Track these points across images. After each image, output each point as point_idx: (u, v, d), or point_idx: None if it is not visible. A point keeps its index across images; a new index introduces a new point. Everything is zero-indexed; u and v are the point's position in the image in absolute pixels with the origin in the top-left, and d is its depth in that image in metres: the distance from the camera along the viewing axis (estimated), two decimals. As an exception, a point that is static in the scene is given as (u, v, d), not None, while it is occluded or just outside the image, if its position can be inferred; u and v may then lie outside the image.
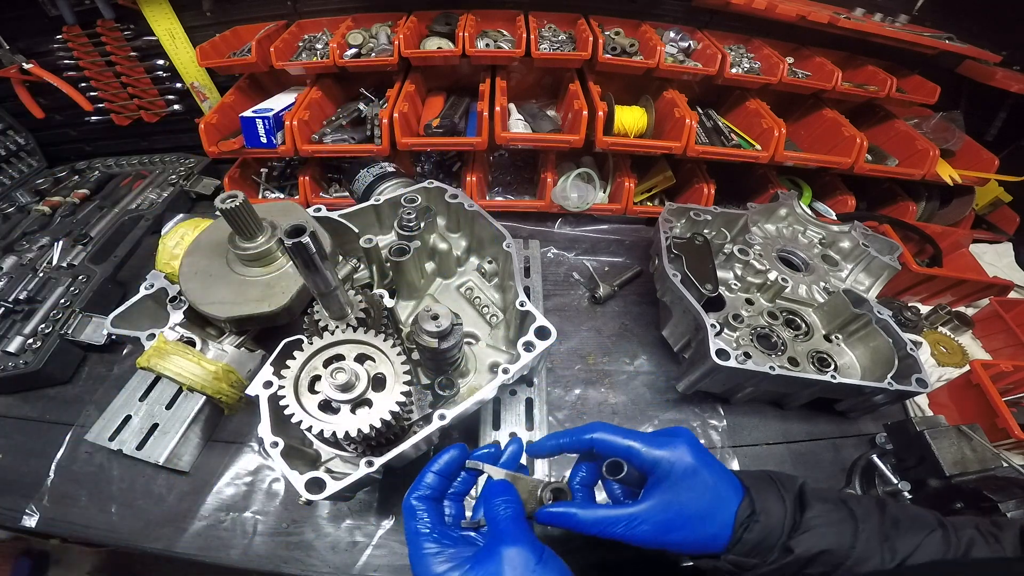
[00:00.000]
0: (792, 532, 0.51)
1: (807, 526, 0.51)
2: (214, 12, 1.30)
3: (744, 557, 0.51)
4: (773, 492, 0.54)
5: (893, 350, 0.88)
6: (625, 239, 1.30)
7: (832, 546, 0.50)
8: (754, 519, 0.51)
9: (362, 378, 0.59)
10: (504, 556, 0.47)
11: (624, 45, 1.21)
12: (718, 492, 0.53)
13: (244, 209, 0.69)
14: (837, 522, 0.51)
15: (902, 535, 0.51)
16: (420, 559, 0.49)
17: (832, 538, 0.50)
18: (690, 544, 0.52)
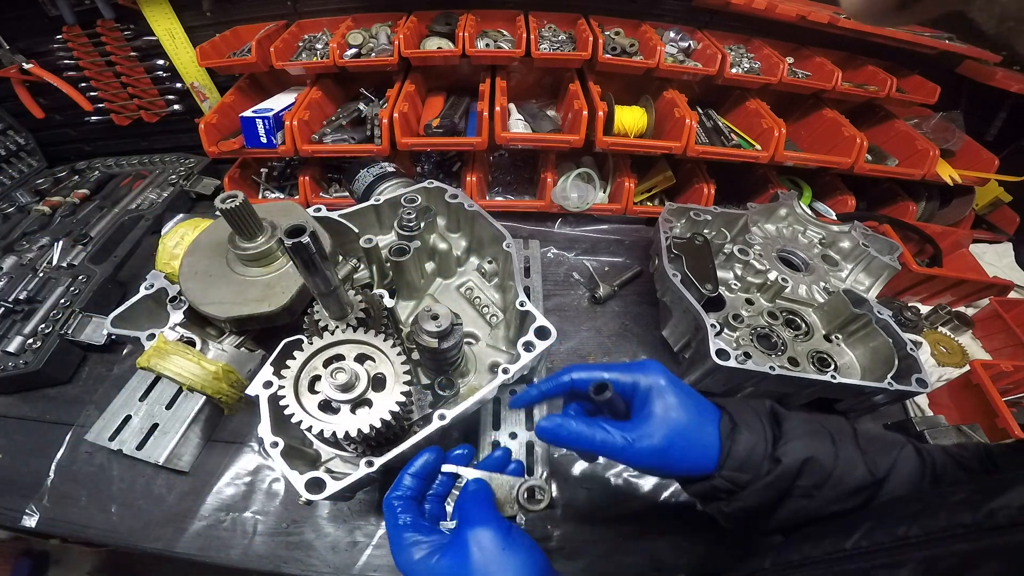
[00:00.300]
0: (775, 443, 0.52)
1: (788, 436, 0.53)
2: (214, 12, 1.30)
3: (737, 472, 0.51)
4: (747, 408, 0.56)
5: (893, 350, 0.88)
6: (625, 239, 1.30)
7: (816, 454, 0.51)
8: (738, 431, 0.53)
9: (362, 378, 0.59)
10: (471, 538, 0.49)
11: (624, 45, 1.21)
12: (699, 409, 0.55)
13: (244, 209, 0.69)
14: (814, 432, 0.53)
15: (878, 450, 0.53)
16: (400, 550, 0.51)
17: (815, 446, 0.51)
18: (688, 461, 0.53)
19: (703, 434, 0.54)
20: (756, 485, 0.51)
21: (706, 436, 0.53)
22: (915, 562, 0.34)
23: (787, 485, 0.51)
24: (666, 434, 0.53)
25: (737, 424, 0.54)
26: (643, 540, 0.79)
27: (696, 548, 0.79)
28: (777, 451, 0.51)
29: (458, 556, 0.48)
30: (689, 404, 0.55)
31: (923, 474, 0.52)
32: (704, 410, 0.56)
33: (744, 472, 0.51)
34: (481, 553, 0.48)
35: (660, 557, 0.78)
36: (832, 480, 0.50)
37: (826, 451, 0.51)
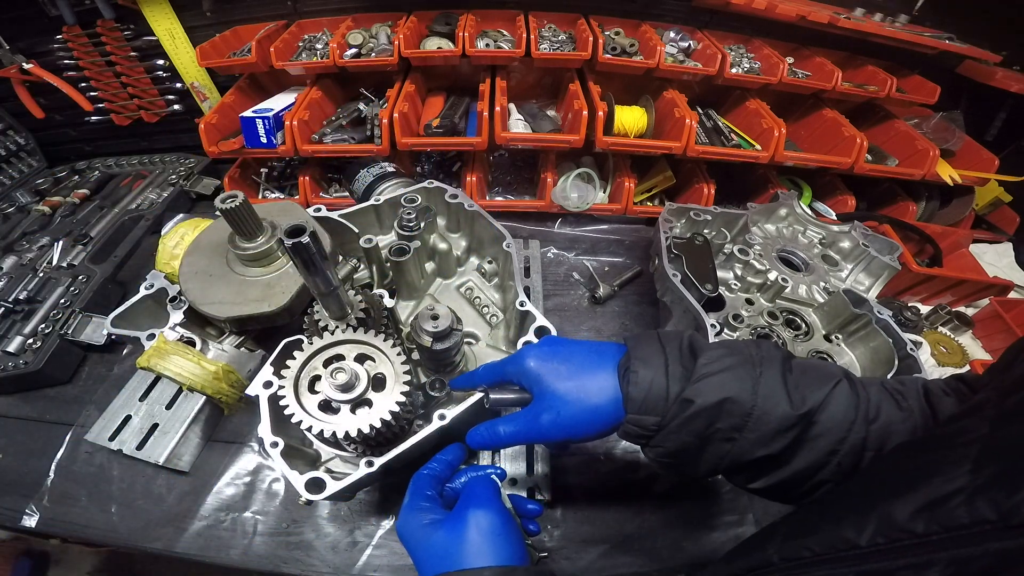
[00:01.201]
0: (686, 380, 0.47)
1: (701, 374, 0.47)
2: (214, 12, 1.30)
3: (640, 415, 0.48)
4: (651, 342, 0.52)
5: (893, 350, 0.88)
6: (625, 239, 1.30)
7: (733, 393, 0.45)
8: (631, 369, 0.49)
9: (362, 378, 0.59)
10: (472, 517, 0.50)
11: (624, 45, 1.21)
12: (589, 358, 0.53)
13: (244, 209, 0.69)
14: (733, 367, 0.47)
15: (808, 385, 0.47)
16: (407, 516, 0.54)
17: (732, 385, 0.46)
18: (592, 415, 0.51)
19: (597, 384, 0.51)
20: (668, 428, 0.47)
21: (600, 385, 0.51)
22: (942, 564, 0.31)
23: (703, 428, 0.46)
24: (553, 404, 0.52)
25: (632, 361, 0.50)
26: (643, 540, 0.79)
27: (696, 547, 0.79)
28: (687, 391, 0.46)
29: (455, 531, 0.50)
30: (574, 362, 0.53)
31: (856, 414, 0.47)
32: (598, 357, 0.53)
33: (649, 414, 0.48)
34: (477, 534, 0.49)
35: (660, 556, 0.78)
36: (751, 421, 0.45)
37: (744, 388, 0.46)
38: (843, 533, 0.37)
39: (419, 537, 0.51)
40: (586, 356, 0.54)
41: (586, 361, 0.54)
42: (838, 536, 0.37)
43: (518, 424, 0.55)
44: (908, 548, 0.33)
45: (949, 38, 1.22)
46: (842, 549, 0.37)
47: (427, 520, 0.52)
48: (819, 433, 0.46)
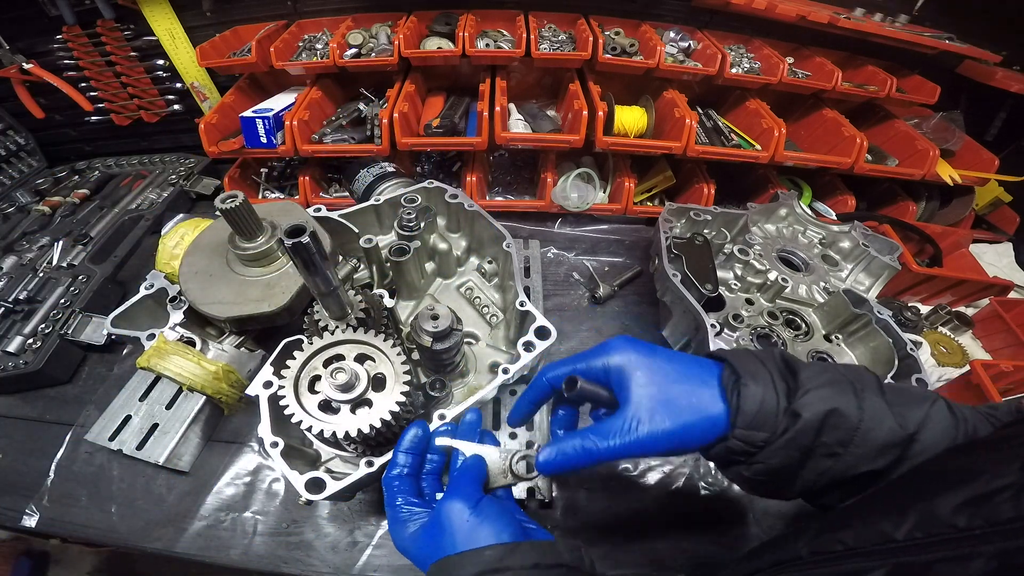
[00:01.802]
0: (791, 396, 0.46)
1: (805, 386, 0.46)
2: (214, 12, 1.30)
3: (751, 430, 0.46)
4: (752, 357, 0.50)
5: (893, 350, 0.88)
6: (625, 239, 1.30)
7: (840, 406, 0.44)
8: (742, 383, 0.47)
9: (362, 378, 0.59)
10: (442, 511, 0.50)
11: (624, 45, 1.21)
12: (688, 370, 0.50)
13: (244, 209, 0.69)
14: (834, 382, 0.46)
15: (906, 403, 0.46)
16: (394, 527, 0.54)
17: (837, 397, 0.45)
18: (691, 432, 0.47)
19: (701, 396, 0.48)
20: (775, 444, 0.45)
21: (705, 398, 0.48)
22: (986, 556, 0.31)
23: (809, 442, 0.45)
24: (653, 413, 0.48)
25: (741, 376, 0.47)
26: (643, 540, 0.79)
27: (696, 547, 0.79)
28: (794, 404, 0.45)
29: (433, 529, 0.50)
30: (673, 369, 0.50)
31: (956, 433, 0.46)
32: (697, 368, 0.51)
33: (759, 430, 0.45)
34: (451, 525, 0.49)
35: (660, 556, 0.78)
36: (859, 436, 0.44)
37: (849, 403, 0.45)
38: (879, 527, 0.36)
39: (409, 544, 0.52)
40: (688, 365, 0.51)
41: (689, 370, 0.50)
42: (874, 530, 0.36)
43: (611, 436, 0.48)
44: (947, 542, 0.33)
45: (949, 38, 1.22)
46: (876, 543, 0.36)
47: (412, 527, 0.52)
48: (921, 450, 0.45)
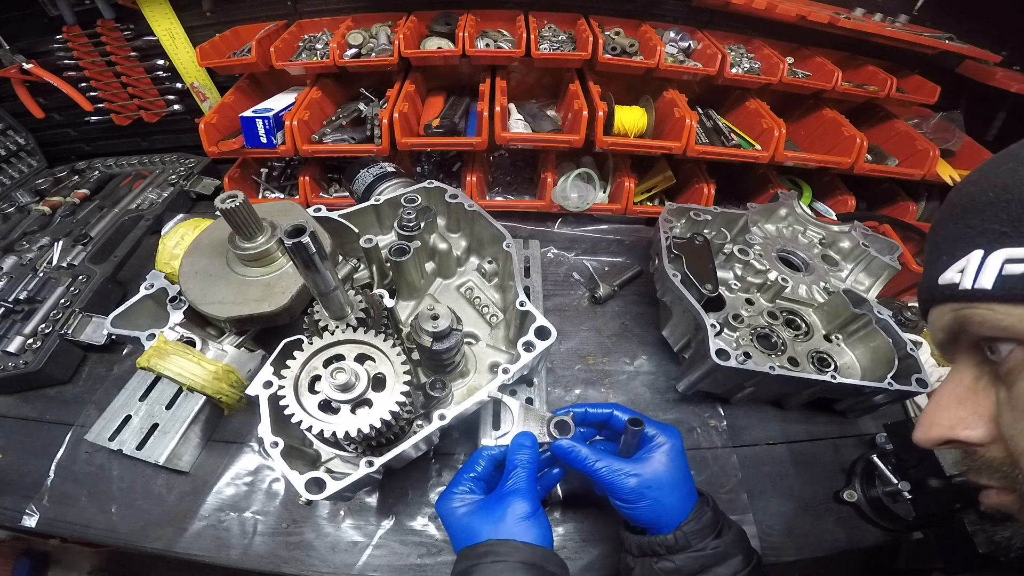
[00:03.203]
0: (720, 533, 0.61)
1: (728, 535, 0.61)
2: (214, 12, 1.30)
3: (688, 536, 0.60)
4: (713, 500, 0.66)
5: (893, 350, 0.88)
6: (625, 239, 1.30)
7: (741, 554, 0.60)
8: (707, 509, 0.62)
9: (362, 378, 0.59)
10: (510, 502, 0.58)
11: (624, 45, 1.21)
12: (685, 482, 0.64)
13: (244, 209, 0.69)
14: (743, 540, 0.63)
15: None
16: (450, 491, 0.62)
17: (742, 550, 0.61)
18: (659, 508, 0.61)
19: (680, 501, 0.62)
20: (694, 553, 0.59)
21: (683, 501, 0.62)
22: None
23: (711, 564, 0.59)
24: (657, 479, 0.61)
25: (711, 508, 0.62)
26: (643, 540, 0.79)
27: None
28: (721, 538, 0.60)
29: (492, 513, 0.58)
30: (683, 472, 0.64)
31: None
32: (690, 483, 0.65)
33: (692, 539, 0.59)
34: (513, 517, 0.57)
35: (660, 557, 0.77)
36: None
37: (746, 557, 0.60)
38: None
39: (458, 515, 0.59)
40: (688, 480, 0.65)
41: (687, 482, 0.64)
42: None
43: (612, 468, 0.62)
44: None
45: (949, 38, 1.22)
46: None
47: (468, 500, 0.61)
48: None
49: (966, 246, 0.35)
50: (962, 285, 0.35)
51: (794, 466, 0.90)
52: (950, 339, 0.38)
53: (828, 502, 0.86)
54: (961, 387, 0.38)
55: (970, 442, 0.37)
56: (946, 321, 0.38)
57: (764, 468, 0.89)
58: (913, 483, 0.77)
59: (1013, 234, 0.32)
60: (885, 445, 0.87)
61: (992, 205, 0.34)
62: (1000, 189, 0.34)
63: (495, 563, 0.53)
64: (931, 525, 0.77)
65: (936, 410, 0.40)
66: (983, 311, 0.34)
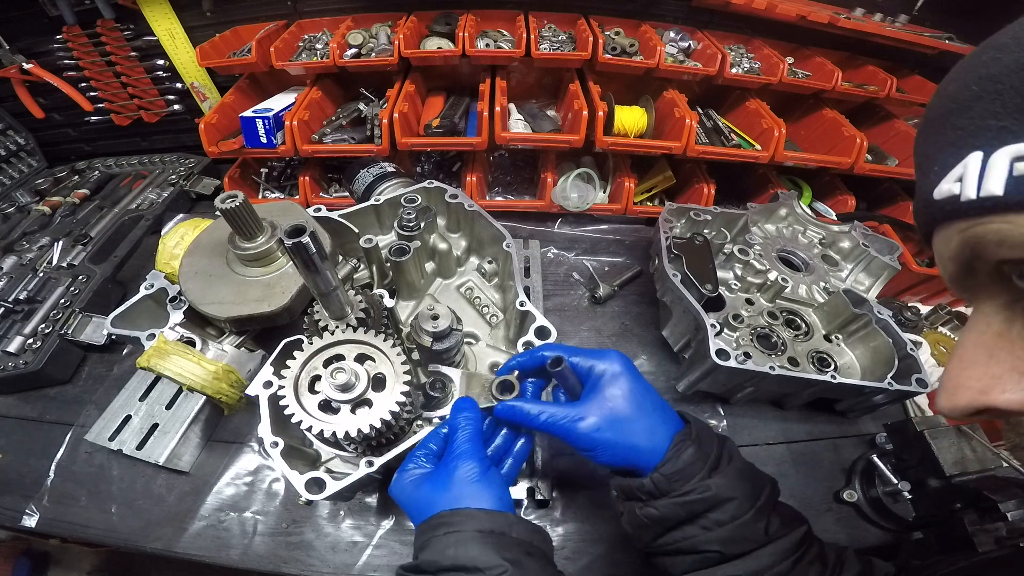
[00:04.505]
0: (711, 472, 0.53)
1: (724, 472, 0.54)
2: (214, 12, 1.30)
3: (668, 480, 0.53)
4: (708, 429, 0.58)
5: (893, 350, 0.88)
6: (625, 239, 1.30)
7: (740, 496, 0.52)
8: (688, 444, 0.54)
9: (362, 378, 0.59)
10: (457, 467, 0.54)
11: (624, 45, 1.21)
12: (653, 408, 0.57)
13: (244, 209, 0.69)
14: (746, 477, 0.55)
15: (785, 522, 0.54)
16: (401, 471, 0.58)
17: (743, 489, 0.53)
18: (624, 449, 0.54)
19: (651, 433, 0.55)
20: (678, 499, 0.52)
21: (655, 436, 0.55)
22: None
23: (701, 510, 0.52)
24: (605, 417, 0.55)
25: (693, 440, 0.54)
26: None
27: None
28: (711, 479, 0.52)
29: (441, 481, 0.54)
30: (642, 400, 0.56)
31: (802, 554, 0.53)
32: (663, 413, 0.57)
33: (674, 483, 0.53)
34: (461, 482, 0.53)
35: (660, 557, 0.77)
36: (734, 524, 0.52)
37: (747, 497, 0.53)
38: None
39: (409, 491, 0.56)
40: (658, 407, 0.58)
41: (656, 409, 0.57)
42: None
43: (557, 416, 0.56)
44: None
45: (949, 38, 1.22)
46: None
47: (417, 474, 0.56)
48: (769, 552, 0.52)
49: (959, 150, 0.29)
50: (964, 195, 0.28)
51: (794, 466, 0.90)
52: (964, 270, 0.30)
53: (828, 502, 0.86)
54: (989, 334, 0.30)
55: (1012, 409, 0.29)
56: (955, 246, 0.30)
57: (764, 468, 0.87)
58: (913, 483, 0.77)
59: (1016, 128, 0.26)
60: (885, 445, 0.87)
61: (980, 99, 0.28)
62: (986, 80, 0.28)
63: (448, 534, 0.49)
64: (931, 525, 0.77)
65: (961, 367, 0.31)
66: (999, 225, 0.27)
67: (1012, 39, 0.28)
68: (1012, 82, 0.27)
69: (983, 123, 0.28)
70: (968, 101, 0.29)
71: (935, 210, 0.31)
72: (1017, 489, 0.68)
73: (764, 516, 0.53)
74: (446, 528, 0.49)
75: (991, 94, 0.28)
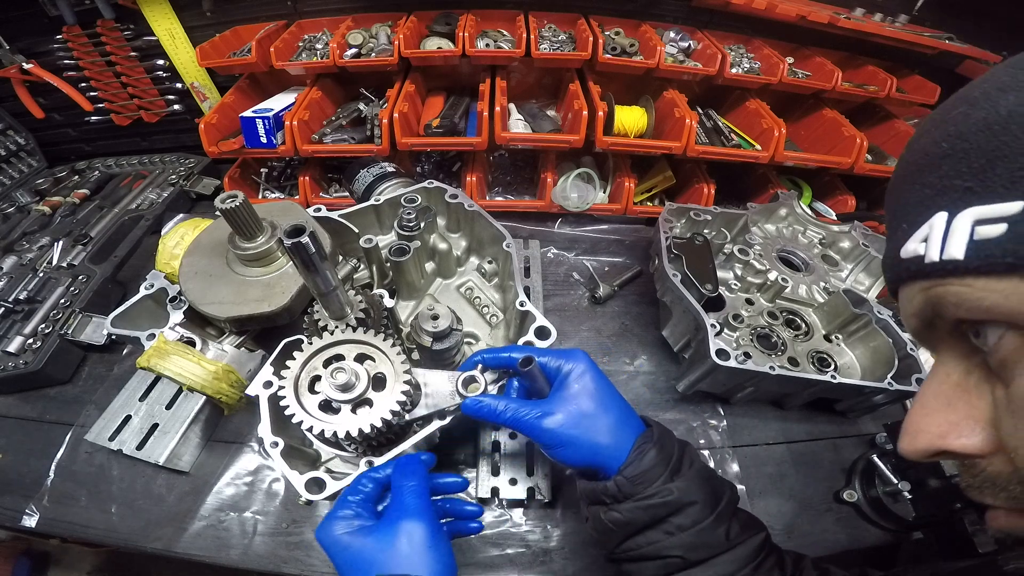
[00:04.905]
0: (673, 476, 0.53)
1: (686, 476, 0.54)
2: (214, 12, 1.30)
3: (631, 483, 0.53)
4: (669, 434, 0.58)
5: (893, 350, 0.88)
6: (625, 239, 1.30)
7: (700, 500, 0.52)
8: (649, 447, 0.54)
9: (362, 378, 0.59)
10: (403, 527, 0.50)
11: (624, 45, 1.21)
12: (616, 409, 0.57)
13: (244, 209, 0.69)
14: (708, 481, 0.55)
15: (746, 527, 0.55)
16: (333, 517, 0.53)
17: (704, 494, 0.53)
18: (587, 446, 0.54)
19: (614, 433, 0.55)
20: (641, 501, 0.52)
21: (618, 436, 0.55)
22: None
23: (663, 515, 0.52)
24: (571, 413, 0.55)
25: (655, 442, 0.55)
26: (643, 540, 0.79)
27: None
28: (673, 483, 0.53)
29: (384, 540, 0.50)
30: (606, 399, 0.57)
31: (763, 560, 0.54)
32: (627, 416, 0.58)
33: (637, 485, 0.53)
34: (409, 545, 0.49)
35: (660, 557, 0.77)
36: (696, 529, 0.52)
37: (708, 502, 0.53)
38: None
39: (342, 543, 0.51)
40: (621, 408, 0.58)
41: (620, 409, 0.57)
42: None
43: (521, 412, 0.56)
44: None
45: (949, 38, 1.22)
46: None
47: (355, 525, 0.52)
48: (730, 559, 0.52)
49: (926, 209, 0.29)
50: (928, 257, 0.29)
51: (794, 466, 0.90)
52: (925, 325, 0.32)
53: (828, 502, 0.86)
54: (948, 384, 0.32)
55: (966, 453, 0.31)
56: (917, 304, 0.31)
57: (764, 468, 0.89)
58: (913, 483, 0.77)
59: (979, 189, 0.26)
60: (885, 445, 0.87)
61: (949, 157, 0.28)
62: (955, 138, 0.28)
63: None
64: (931, 525, 0.77)
65: (922, 414, 0.33)
66: (958, 288, 0.28)
67: (982, 94, 0.28)
68: (978, 141, 0.27)
69: (949, 183, 0.28)
70: (937, 158, 0.29)
71: (901, 269, 0.32)
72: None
73: (725, 521, 0.53)
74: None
75: (959, 153, 0.28)
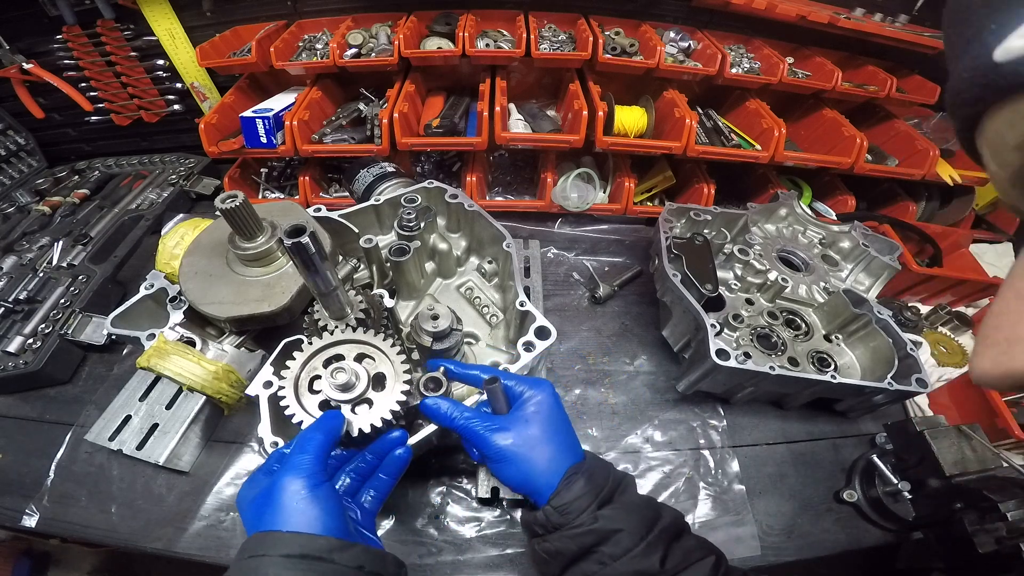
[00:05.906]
0: (601, 505, 0.54)
1: (616, 504, 0.54)
2: (214, 12, 1.30)
3: (557, 513, 0.53)
4: (603, 467, 0.59)
5: (893, 350, 0.88)
6: (625, 239, 1.30)
7: (627, 528, 0.52)
8: (578, 478, 0.55)
9: (362, 378, 0.59)
10: (283, 482, 0.49)
11: (624, 45, 1.21)
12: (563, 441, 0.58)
13: (244, 209, 0.69)
14: (640, 509, 0.55)
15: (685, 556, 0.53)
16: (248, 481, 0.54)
17: (632, 523, 0.53)
18: (526, 472, 0.55)
19: (551, 462, 0.56)
20: (568, 531, 0.52)
21: (553, 465, 0.56)
22: None
23: (590, 544, 0.52)
24: (520, 433, 0.56)
25: (583, 473, 0.55)
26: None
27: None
28: (600, 511, 0.53)
29: (268, 495, 0.49)
30: (555, 431, 0.58)
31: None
32: (567, 446, 0.58)
33: (565, 515, 0.53)
34: (285, 499, 0.48)
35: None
36: (627, 558, 0.51)
37: (635, 530, 0.52)
38: None
39: (243, 502, 0.52)
40: (566, 441, 0.59)
41: (562, 443, 0.58)
42: None
43: (472, 421, 0.58)
44: None
45: (949, 38, 1.22)
46: None
47: (260, 484, 0.52)
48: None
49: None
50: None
51: (794, 466, 0.90)
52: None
53: (828, 502, 0.86)
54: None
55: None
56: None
57: (764, 468, 0.89)
58: (913, 483, 0.77)
59: None
60: (885, 445, 0.87)
61: None
62: None
63: (251, 558, 0.45)
64: (931, 525, 0.77)
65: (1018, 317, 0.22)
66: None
67: None
68: None
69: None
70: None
71: (996, 78, 0.22)
72: (1017, 489, 0.68)
73: (658, 548, 0.52)
74: (250, 552, 0.45)
75: None
